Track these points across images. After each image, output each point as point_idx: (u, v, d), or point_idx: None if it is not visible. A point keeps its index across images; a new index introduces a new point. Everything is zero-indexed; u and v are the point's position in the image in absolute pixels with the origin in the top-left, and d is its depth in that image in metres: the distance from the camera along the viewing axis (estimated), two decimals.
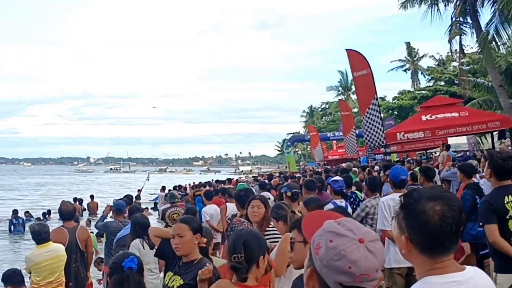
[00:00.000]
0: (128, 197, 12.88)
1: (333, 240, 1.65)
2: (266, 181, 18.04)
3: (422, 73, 62.05)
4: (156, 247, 4.79)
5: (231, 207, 9.34)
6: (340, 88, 75.88)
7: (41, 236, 6.91)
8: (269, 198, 8.15)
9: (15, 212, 25.05)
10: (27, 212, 27.71)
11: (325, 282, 1.66)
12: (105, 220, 9.40)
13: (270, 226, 5.37)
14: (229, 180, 25.40)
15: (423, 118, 15.84)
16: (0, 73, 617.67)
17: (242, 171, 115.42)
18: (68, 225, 7.79)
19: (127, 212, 9.22)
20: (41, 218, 25.83)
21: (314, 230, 1.76)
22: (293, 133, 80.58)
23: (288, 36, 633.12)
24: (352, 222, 1.74)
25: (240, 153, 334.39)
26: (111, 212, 9.30)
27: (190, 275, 4.10)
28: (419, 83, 61.81)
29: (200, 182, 27.78)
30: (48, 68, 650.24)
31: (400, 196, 1.99)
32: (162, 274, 7.45)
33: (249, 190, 8.27)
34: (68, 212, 7.97)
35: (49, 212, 28.41)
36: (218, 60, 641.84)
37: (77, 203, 26.17)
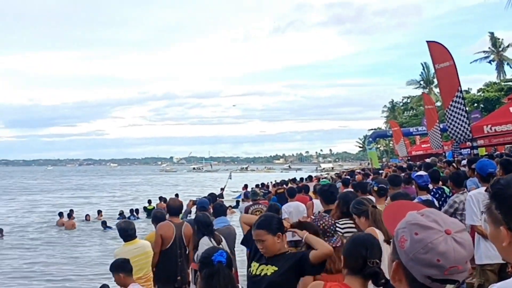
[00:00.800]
0: (211, 195, 13.16)
1: (418, 232, 1.60)
2: (348, 177, 17.89)
3: (508, 63, 59.41)
4: (244, 234, 4.80)
5: (318, 204, 9.28)
6: (421, 82, 73.81)
7: (127, 233, 7.04)
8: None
9: (104, 223, 25.69)
10: (121, 212, 28.68)
11: (412, 275, 1.63)
12: (189, 218, 9.62)
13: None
14: (310, 177, 25.32)
15: None
16: (88, 76, 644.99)
17: (323, 169, 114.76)
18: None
19: (211, 209, 9.42)
20: (129, 216, 26.76)
21: (396, 222, 1.73)
22: (375, 129, 79.28)
23: (366, 30, 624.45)
24: (436, 212, 1.69)
25: (321, 150, 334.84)
26: (194, 208, 9.51)
27: (282, 263, 4.09)
28: (505, 74, 59.20)
29: (282, 180, 27.84)
30: (131, 71, 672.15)
31: (487, 188, 1.84)
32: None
33: (333, 185, 8.22)
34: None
35: (137, 210, 29.33)
36: (296, 57, 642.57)
37: (162, 202, 26.73)
